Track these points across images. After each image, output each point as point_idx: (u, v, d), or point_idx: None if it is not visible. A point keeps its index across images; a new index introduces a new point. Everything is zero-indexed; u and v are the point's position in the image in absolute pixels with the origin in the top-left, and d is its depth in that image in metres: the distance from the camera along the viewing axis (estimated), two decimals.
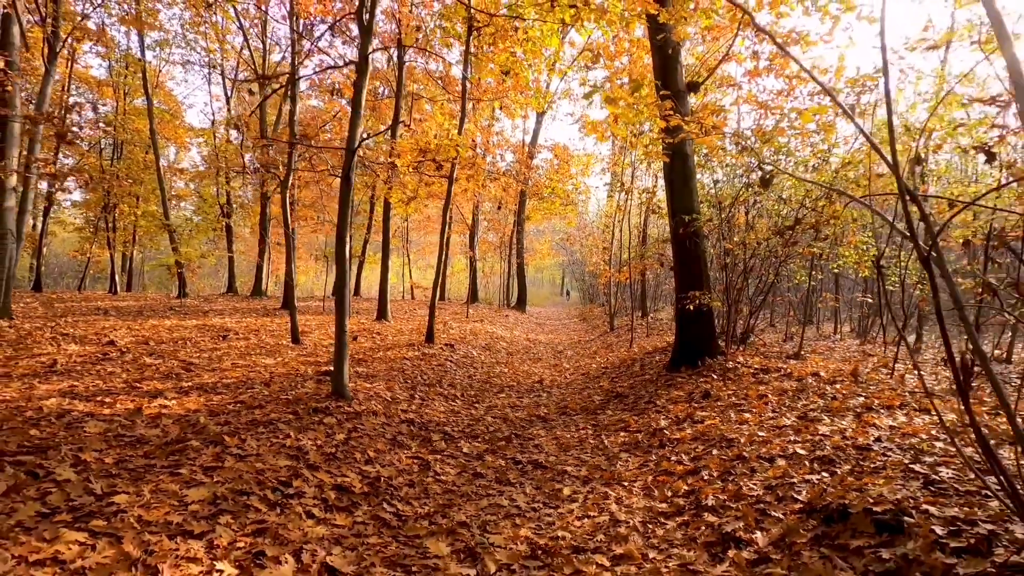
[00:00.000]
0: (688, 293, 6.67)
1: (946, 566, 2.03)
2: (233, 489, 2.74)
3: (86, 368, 5.39)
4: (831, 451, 3.40)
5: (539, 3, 6.12)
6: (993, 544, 2.08)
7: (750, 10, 6.49)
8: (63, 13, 10.74)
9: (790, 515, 2.72)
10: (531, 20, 6.86)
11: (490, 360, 8.95)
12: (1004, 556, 1.99)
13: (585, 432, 4.95)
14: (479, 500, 3.31)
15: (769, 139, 6.00)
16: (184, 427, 3.57)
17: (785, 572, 2.27)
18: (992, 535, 2.13)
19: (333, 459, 3.46)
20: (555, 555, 2.61)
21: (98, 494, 2.46)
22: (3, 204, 8.80)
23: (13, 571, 1.84)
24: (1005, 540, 2.08)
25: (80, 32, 13.83)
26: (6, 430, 3.21)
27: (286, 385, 5.06)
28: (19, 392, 4.22)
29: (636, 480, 3.63)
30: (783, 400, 4.80)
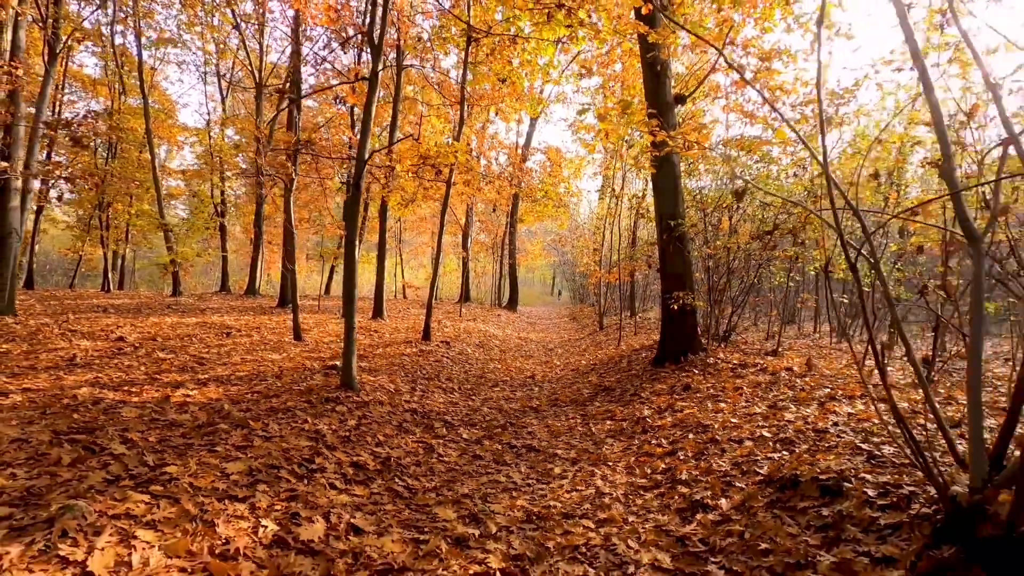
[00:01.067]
0: (672, 293, 7.10)
1: (871, 518, 2.45)
2: (265, 464, 3.11)
3: (104, 362, 5.71)
4: (793, 434, 3.83)
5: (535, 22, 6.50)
6: (912, 501, 2.51)
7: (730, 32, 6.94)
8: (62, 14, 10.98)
9: (751, 485, 3.14)
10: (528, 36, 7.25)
11: (484, 357, 9.34)
12: (917, 509, 2.42)
13: (574, 421, 5.36)
14: (479, 477, 3.70)
15: (751, 148, 6.44)
16: (211, 413, 3.93)
17: (742, 529, 2.69)
18: (912, 495, 2.56)
19: (348, 441, 3.84)
20: (547, 520, 3.01)
21: (151, 465, 2.83)
22: (8, 204, 9.06)
23: (98, 521, 2.20)
24: (922, 498, 2.51)
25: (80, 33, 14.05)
26: (52, 414, 3.55)
27: (296, 378, 5.42)
28: (50, 383, 4.54)
29: (620, 461, 4.04)
30: (756, 392, 5.23)
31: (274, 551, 2.36)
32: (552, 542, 2.73)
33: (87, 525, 2.16)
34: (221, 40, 21.22)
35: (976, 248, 2.29)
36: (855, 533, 2.42)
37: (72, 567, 1.92)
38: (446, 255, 27.25)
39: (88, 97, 21.14)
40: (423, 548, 2.59)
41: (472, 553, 2.59)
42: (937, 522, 2.24)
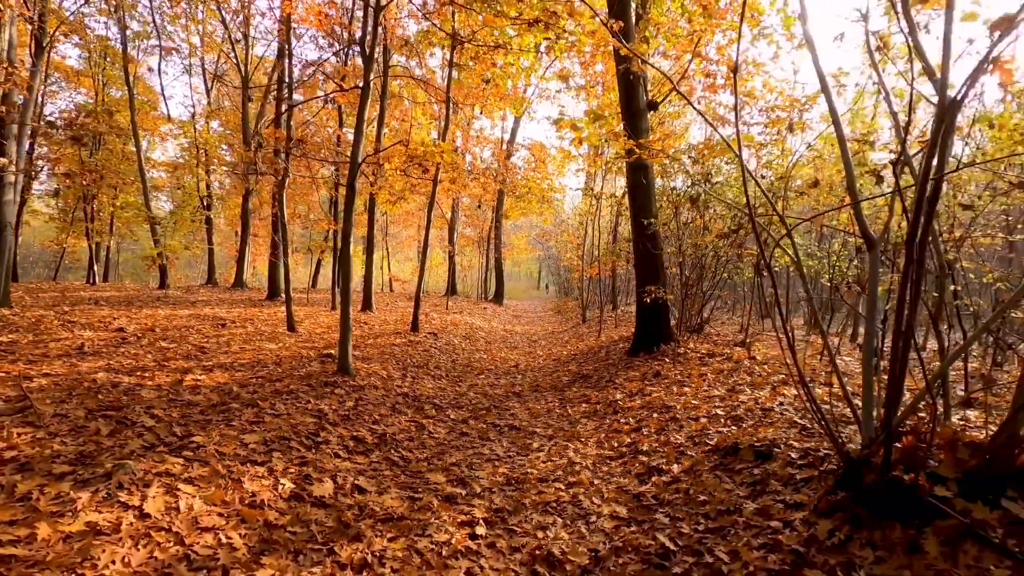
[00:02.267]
0: (646, 288, 7.61)
1: (791, 475, 2.97)
2: (277, 436, 3.54)
3: (112, 350, 6.04)
4: (743, 412, 4.35)
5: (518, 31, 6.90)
6: (824, 461, 3.03)
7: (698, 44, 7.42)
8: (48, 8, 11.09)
9: (700, 453, 3.64)
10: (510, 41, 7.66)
11: (470, 348, 9.79)
12: (826, 467, 2.94)
13: (553, 404, 5.85)
14: (465, 450, 4.17)
15: (707, 156, 6.95)
16: (222, 395, 4.33)
17: (687, 487, 3.19)
18: (825, 456, 3.08)
19: (347, 419, 4.27)
20: (525, 483, 3.49)
21: (179, 436, 3.24)
22: (3, 198, 9.26)
23: (145, 477, 2.62)
24: (832, 459, 3.03)
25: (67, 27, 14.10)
26: (78, 395, 3.93)
27: (295, 365, 5.83)
28: (66, 369, 4.89)
29: (591, 437, 4.53)
30: (718, 377, 5.76)
31: (292, 503, 2.80)
32: (528, 499, 3.21)
33: (137, 480, 2.58)
34: (206, 33, 21.13)
35: (872, 252, 2.80)
36: (777, 486, 2.93)
37: (131, 510, 2.35)
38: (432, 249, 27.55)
39: (70, 88, 20.96)
40: (418, 503, 3.05)
41: (460, 507, 3.05)
42: (838, 475, 2.76)
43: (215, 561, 2.19)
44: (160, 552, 2.15)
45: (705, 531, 2.67)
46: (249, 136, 19.11)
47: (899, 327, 2.73)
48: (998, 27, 2.21)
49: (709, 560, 2.40)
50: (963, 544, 2.08)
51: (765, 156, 9.02)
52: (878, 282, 2.77)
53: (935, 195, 2.49)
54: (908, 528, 2.24)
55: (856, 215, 2.77)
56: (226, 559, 2.22)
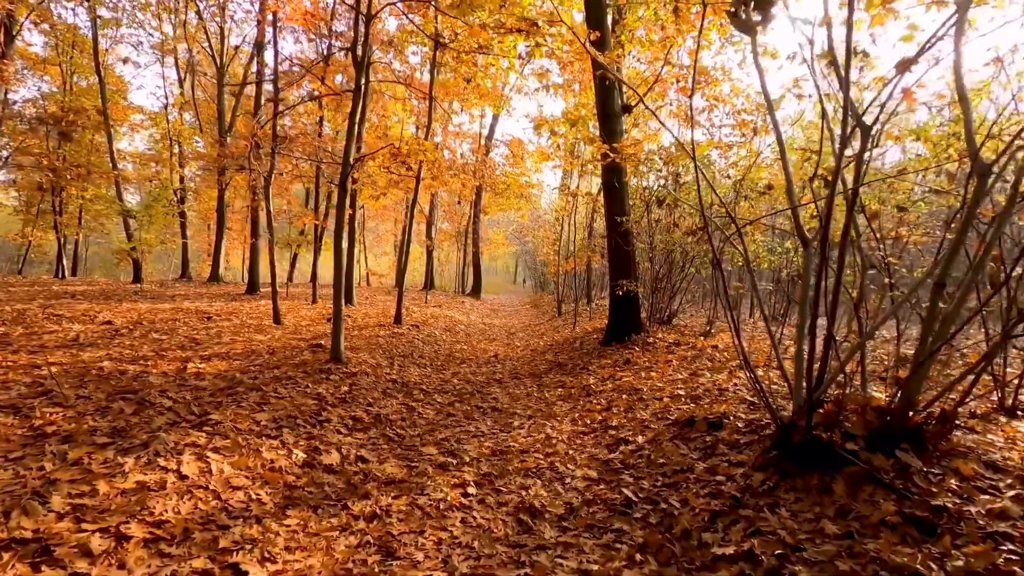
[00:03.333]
0: (618, 282, 8.12)
1: (736, 440, 3.48)
2: (284, 415, 3.91)
3: (107, 342, 6.26)
4: (702, 392, 4.87)
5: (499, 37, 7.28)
6: (764, 429, 3.55)
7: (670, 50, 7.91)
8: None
9: (662, 427, 4.14)
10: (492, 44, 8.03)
11: (451, 339, 10.19)
12: (765, 433, 3.46)
13: (531, 389, 6.31)
14: (453, 428, 4.59)
15: (685, 156, 7.47)
16: (226, 380, 4.66)
17: (649, 452, 3.68)
18: (766, 424, 3.60)
19: (344, 402, 4.65)
20: (508, 454, 3.93)
21: (197, 414, 3.59)
22: None
23: (176, 447, 2.98)
24: (771, 426, 3.54)
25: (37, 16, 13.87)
26: (92, 381, 4.22)
27: (288, 354, 6.15)
28: (70, 358, 5.13)
29: (566, 416, 5.00)
30: (683, 363, 6.30)
31: (305, 469, 3.19)
32: (511, 466, 3.66)
33: (170, 449, 2.94)
34: (180, 24, 20.76)
35: (807, 249, 3.31)
36: (724, 450, 3.43)
37: (171, 472, 2.71)
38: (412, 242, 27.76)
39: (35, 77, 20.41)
40: (415, 470, 3.47)
41: (452, 473, 3.48)
42: (773, 437, 3.27)
43: (249, 512, 2.58)
44: (202, 504, 2.52)
45: (662, 486, 3.15)
46: (224, 129, 19.02)
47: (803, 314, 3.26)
48: (900, 68, 2.72)
49: (664, 507, 2.89)
50: (863, 485, 2.60)
51: (733, 157, 9.63)
52: (811, 276, 3.29)
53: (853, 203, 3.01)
54: (824, 475, 2.76)
55: (793, 218, 3.28)
56: (257, 511, 2.60)
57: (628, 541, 2.61)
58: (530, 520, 2.87)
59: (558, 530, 2.78)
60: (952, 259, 2.76)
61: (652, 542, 2.55)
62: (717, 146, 9.69)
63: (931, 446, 2.80)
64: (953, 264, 2.78)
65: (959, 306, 2.83)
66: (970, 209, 2.70)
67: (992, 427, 3.35)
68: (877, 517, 2.33)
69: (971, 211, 2.70)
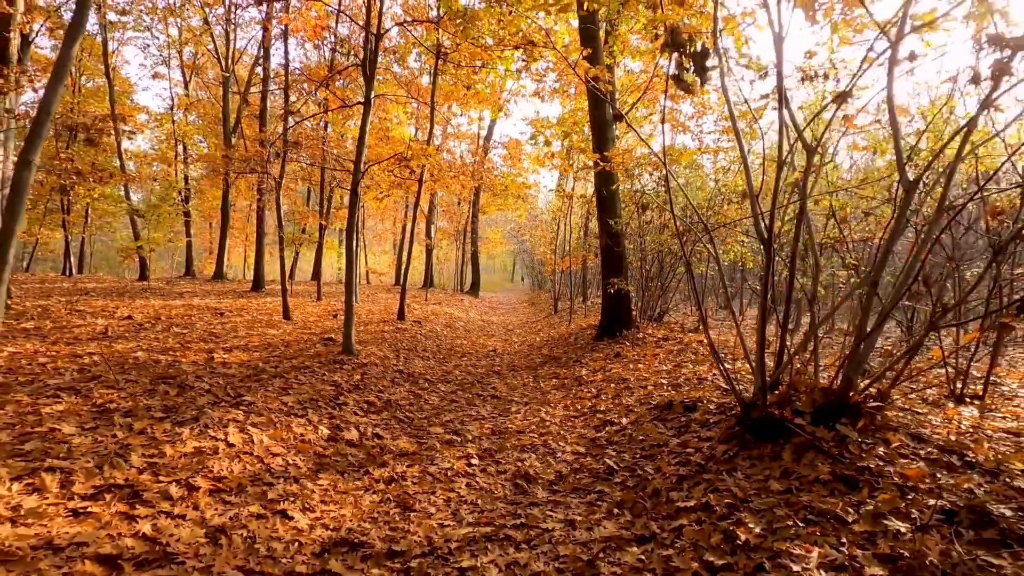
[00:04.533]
0: (610, 280, 8.60)
1: (707, 419, 3.96)
2: (307, 398, 4.39)
3: (133, 335, 6.72)
4: (683, 381, 5.36)
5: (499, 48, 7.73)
6: (732, 410, 4.04)
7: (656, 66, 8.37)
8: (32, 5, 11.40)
9: (644, 410, 4.63)
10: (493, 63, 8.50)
11: (452, 335, 10.67)
12: (731, 413, 3.94)
13: (528, 380, 6.80)
14: (456, 412, 5.08)
15: (656, 167, 7.98)
16: (250, 369, 5.13)
17: (631, 432, 4.16)
18: (733, 406, 4.08)
19: (358, 388, 5.13)
20: (506, 434, 4.42)
21: (232, 396, 4.06)
22: None
23: (221, 421, 3.46)
24: (737, 408, 4.03)
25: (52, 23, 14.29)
26: (133, 368, 4.68)
27: (302, 347, 6.62)
28: (104, 350, 5.59)
29: (559, 403, 5.49)
30: (669, 356, 6.78)
31: (330, 443, 3.67)
32: (509, 443, 4.14)
33: (216, 422, 3.41)
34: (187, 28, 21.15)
35: (767, 249, 3.79)
36: (696, 427, 3.92)
37: (220, 441, 3.19)
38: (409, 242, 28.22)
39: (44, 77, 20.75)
40: (424, 445, 3.95)
41: (457, 448, 3.96)
42: (737, 416, 3.76)
43: (288, 474, 3.06)
44: (249, 466, 3.00)
45: (640, 457, 3.64)
46: (229, 131, 19.45)
47: (762, 312, 3.75)
48: (836, 99, 3.20)
49: (640, 473, 3.37)
50: (807, 452, 3.08)
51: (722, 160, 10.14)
52: (771, 268, 3.77)
53: (802, 212, 3.49)
54: (775, 445, 3.25)
55: (755, 223, 3.76)
56: (295, 473, 3.08)
57: (608, 499, 3.09)
58: (525, 484, 3.35)
59: (549, 492, 3.26)
60: (883, 263, 3.25)
61: (628, 500, 3.04)
62: (704, 151, 10.20)
63: (867, 421, 3.29)
64: (884, 267, 3.27)
65: (894, 302, 3.33)
66: (897, 219, 3.19)
67: (937, 410, 3.85)
68: (813, 476, 2.81)
69: (898, 221, 3.19)
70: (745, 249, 10.16)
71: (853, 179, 6.93)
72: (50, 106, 2.64)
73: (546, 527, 2.75)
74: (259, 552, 2.27)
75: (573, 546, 2.54)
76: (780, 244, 4.62)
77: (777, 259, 5.04)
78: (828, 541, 2.25)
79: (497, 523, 2.80)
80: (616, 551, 2.49)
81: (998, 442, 3.14)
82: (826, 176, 6.49)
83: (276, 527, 2.51)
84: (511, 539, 2.62)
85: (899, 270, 3.55)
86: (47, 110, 2.65)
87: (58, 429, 3.01)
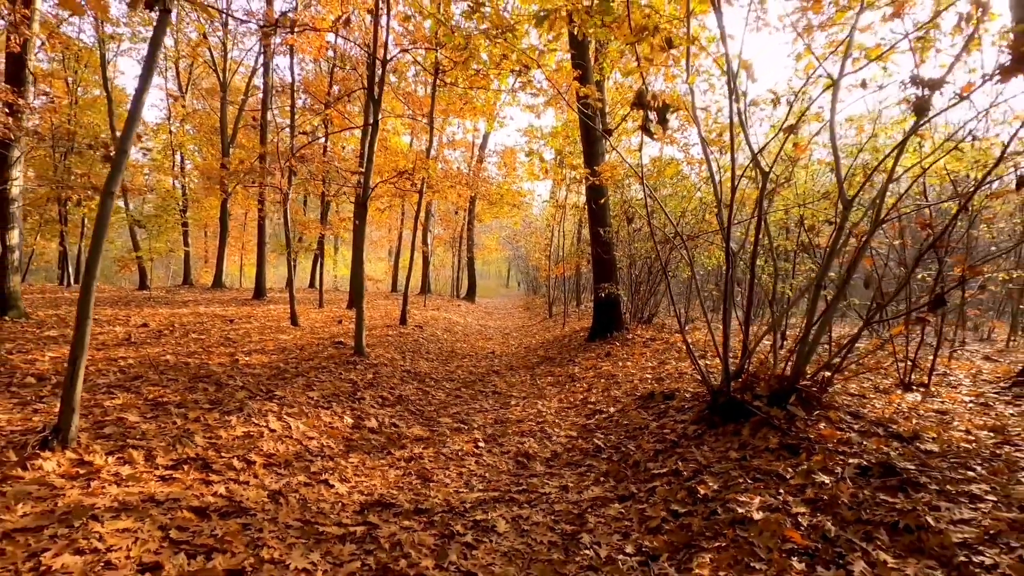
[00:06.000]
0: (601, 285, 9.18)
1: (683, 406, 4.53)
2: (329, 393, 4.92)
3: (156, 341, 7.21)
4: (665, 375, 5.93)
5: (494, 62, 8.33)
6: (705, 397, 4.61)
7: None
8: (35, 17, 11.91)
9: (629, 400, 5.19)
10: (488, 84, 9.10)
11: (452, 338, 11.21)
12: (704, 400, 4.52)
13: (525, 378, 7.35)
14: (461, 406, 5.62)
15: (646, 177, 8.57)
16: (273, 369, 5.65)
17: (617, 418, 4.72)
18: (705, 394, 4.65)
19: (372, 385, 5.66)
20: (507, 422, 4.97)
21: (264, 390, 4.59)
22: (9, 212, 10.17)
23: (260, 411, 3.98)
24: (708, 395, 4.59)
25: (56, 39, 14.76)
26: (168, 370, 5.19)
27: (316, 350, 7.14)
28: (135, 353, 6.09)
29: (554, 397, 6.05)
30: (655, 355, 7.36)
31: (354, 430, 4.21)
32: (510, 430, 4.69)
33: (257, 412, 3.95)
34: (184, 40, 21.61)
35: (727, 257, 4.38)
36: (673, 413, 4.49)
37: (264, 427, 3.72)
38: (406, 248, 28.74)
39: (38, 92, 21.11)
40: (436, 432, 4.50)
41: (464, 434, 4.51)
42: (708, 401, 4.33)
43: (323, 453, 3.60)
44: (291, 447, 3.53)
45: (624, 438, 4.20)
46: (227, 142, 19.94)
47: (725, 310, 4.34)
48: (785, 131, 3.80)
49: (623, 450, 3.93)
50: (762, 428, 3.65)
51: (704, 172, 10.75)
52: (732, 284, 4.36)
53: (759, 226, 4.08)
54: (737, 424, 3.82)
55: (723, 236, 4.34)
56: (329, 453, 3.62)
57: (596, 470, 3.65)
58: (525, 461, 3.91)
59: (546, 467, 3.82)
60: (827, 267, 3.85)
61: (612, 470, 3.60)
62: (690, 162, 10.84)
63: (814, 402, 3.87)
64: (827, 271, 3.86)
65: (836, 301, 3.92)
66: (837, 231, 3.78)
67: (884, 395, 4.44)
68: (764, 446, 3.39)
69: (838, 232, 3.79)
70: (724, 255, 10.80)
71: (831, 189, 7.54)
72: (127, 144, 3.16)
73: (544, 492, 3.31)
74: (311, 509, 2.81)
75: (566, 504, 3.10)
76: (745, 251, 5.22)
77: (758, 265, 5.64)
78: (769, 492, 2.82)
79: (503, 489, 3.35)
80: (601, 507, 3.05)
81: (924, 419, 3.73)
82: (795, 188, 7.13)
83: (321, 492, 3.05)
84: (515, 500, 3.17)
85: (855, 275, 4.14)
86: (124, 148, 3.16)
87: (125, 418, 3.53)
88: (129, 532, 2.21)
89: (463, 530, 2.75)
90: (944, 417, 3.79)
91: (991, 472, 2.77)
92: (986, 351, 7.82)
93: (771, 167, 3.92)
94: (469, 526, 2.81)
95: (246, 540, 2.35)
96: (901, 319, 4.35)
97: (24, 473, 2.54)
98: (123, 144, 3.15)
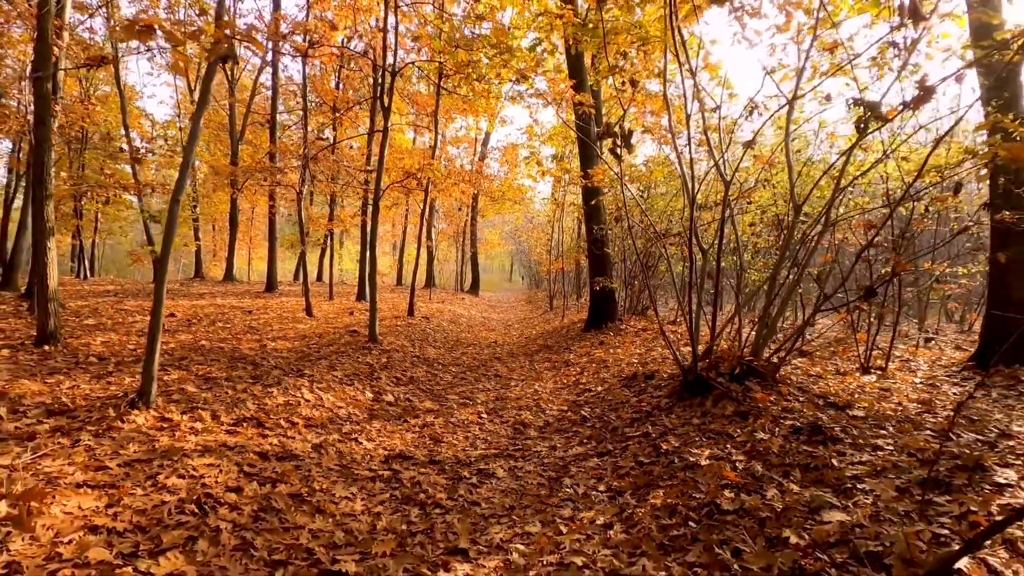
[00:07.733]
0: (596, 279, 9.82)
1: (662, 383, 5.19)
2: (350, 373, 5.59)
3: (186, 328, 7.89)
4: (650, 360, 6.58)
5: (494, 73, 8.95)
6: (678, 378, 5.25)
7: None
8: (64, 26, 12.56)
9: (615, 380, 5.85)
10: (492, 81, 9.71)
11: (457, 329, 11.88)
12: (677, 380, 5.16)
13: (524, 363, 8.02)
14: (466, 386, 6.29)
15: (639, 179, 9.20)
16: (298, 353, 6.32)
17: (603, 395, 5.38)
18: (680, 375, 5.29)
19: (386, 368, 6.33)
20: (507, 399, 5.63)
21: (295, 369, 5.26)
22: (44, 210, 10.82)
23: (295, 385, 4.66)
24: (681, 376, 5.24)
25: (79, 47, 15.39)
26: (207, 353, 5.86)
27: (333, 338, 7.82)
28: (172, 339, 6.76)
29: (550, 379, 6.71)
30: (644, 343, 8.01)
31: (375, 403, 4.88)
32: (510, 405, 5.36)
33: (292, 386, 4.62)
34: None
35: (690, 254, 5.01)
36: (651, 390, 5.14)
37: (300, 398, 4.39)
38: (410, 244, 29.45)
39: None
40: (445, 405, 5.17)
41: (469, 408, 5.18)
42: (680, 379, 4.98)
43: (351, 420, 4.27)
44: (324, 413, 4.21)
45: (607, 410, 4.86)
46: (236, 139, 20.59)
47: (689, 300, 4.97)
48: (745, 146, 4.43)
49: (605, 419, 4.60)
50: (722, 400, 4.30)
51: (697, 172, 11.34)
52: (704, 277, 4.99)
53: (722, 227, 4.72)
54: (703, 397, 4.47)
55: (692, 235, 4.97)
56: (355, 419, 4.29)
57: (580, 435, 4.31)
58: (522, 428, 4.57)
59: (539, 432, 4.48)
60: (780, 263, 4.48)
61: (594, 435, 4.26)
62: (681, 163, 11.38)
63: (769, 379, 4.52)
64: (780, 266, 4.50)
65: (790, 293, 4.56)
66: (789, 230, 4.42)
67: (842, 378, 5.08)
68: (721, 413, 4.04)
69: (790, 232, 4.42)
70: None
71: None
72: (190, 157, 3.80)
73: (536, 450, 3.98)
74: (347, 458, 3.48)
75: (554, 459, 3.76)
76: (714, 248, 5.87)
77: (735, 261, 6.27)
78: (718, 446, 3.47)
79: (502, 448, 4.02)
80: (582, 460, 3.72)
81: (868, 395, 4.37)
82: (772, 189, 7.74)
83: (352, 447, 3.72)
84: (512, 455, 3.84)
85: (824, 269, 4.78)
86: (188, 162, 3.80)
87: (185, 388, 4.21)
88: (213, 466, 2.88)
89: (469, 475, 3.42)
90: (885, 393, 4.43)
91: (899, 431, 3.41)
92: (959, 341, 8.45)
93: (731, 177, 4.55)
94: (474, 472, 3.48)
95: (299, 476, 3.02)
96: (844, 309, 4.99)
97: (123, 425, 3.21)
98: (187, 157, 3.80)
